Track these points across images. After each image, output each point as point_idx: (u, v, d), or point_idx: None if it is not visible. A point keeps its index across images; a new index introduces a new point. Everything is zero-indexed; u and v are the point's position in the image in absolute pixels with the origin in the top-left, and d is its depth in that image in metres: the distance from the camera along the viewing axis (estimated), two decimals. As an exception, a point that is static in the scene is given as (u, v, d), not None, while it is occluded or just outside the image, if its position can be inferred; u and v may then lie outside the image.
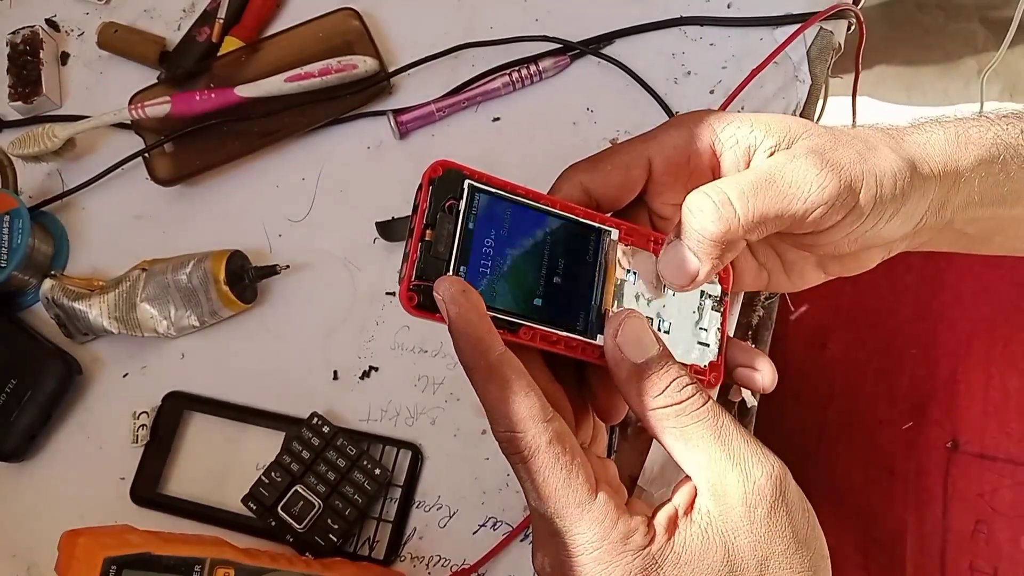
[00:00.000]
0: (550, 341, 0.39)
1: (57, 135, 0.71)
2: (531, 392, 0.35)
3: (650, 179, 0.42)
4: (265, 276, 0.66)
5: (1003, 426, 0.65)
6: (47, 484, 0.66)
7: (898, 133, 0.41)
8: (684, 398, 0.36)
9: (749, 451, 0.36)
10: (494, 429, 0.36)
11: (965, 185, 0.41)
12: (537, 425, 0.35)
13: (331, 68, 0.69)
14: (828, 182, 0.38)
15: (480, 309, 0.36)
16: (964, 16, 1.42)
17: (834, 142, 0.39)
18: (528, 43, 0.69)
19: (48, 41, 0.78)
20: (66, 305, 0.65)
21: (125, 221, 0.72)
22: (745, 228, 0.38)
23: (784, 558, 0.35)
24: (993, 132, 0.43)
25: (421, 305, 0.36)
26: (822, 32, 0.66)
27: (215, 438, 0.65)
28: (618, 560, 0.35)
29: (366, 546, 0.60)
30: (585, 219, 0.40)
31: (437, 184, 0.37)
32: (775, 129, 0.40)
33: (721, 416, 0.36)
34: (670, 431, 0.36)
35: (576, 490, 0.35)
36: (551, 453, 0.35)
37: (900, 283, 0.55)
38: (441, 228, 0.37)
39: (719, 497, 0.36)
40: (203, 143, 0.71)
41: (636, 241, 0.42)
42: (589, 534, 0.35)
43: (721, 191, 0.38)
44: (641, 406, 0.37)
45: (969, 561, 0.63)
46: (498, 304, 0.37)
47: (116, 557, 0.49)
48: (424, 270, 0.36)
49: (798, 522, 0.36)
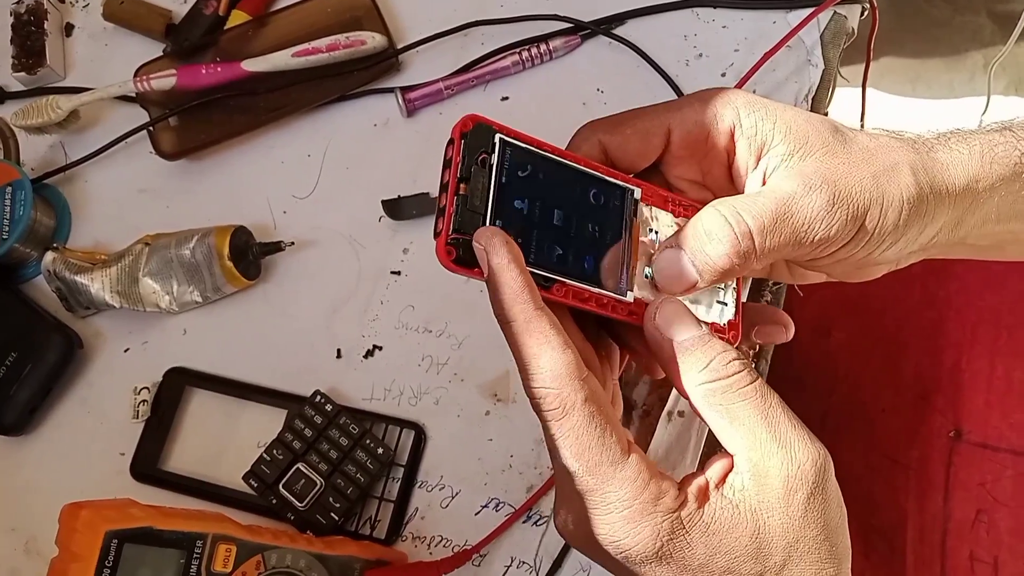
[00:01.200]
0: (582, 298, 0.38)
1: (61, 107, 0.70)
2: (568, 349, 0.35)
3: (667, 150, 0.42)
4: (269, 252, 0.66)
5: (1006, 416, 0.64)
6: (47, 458, 0.66)
7: (924, 148, 0.40)
8: (731, 372, 0.36)
9: (796, 435, 0.35)
10: (528, 384, 0.35)
11: (983, 205, 0.41)
12: (573, 382, 0.34)
13: (339, 44, 0.68)
14: (836, 220, 0.37)
15: (520, 261, 0.35)
16: (971, 9, 1.42)
17: (848, 164, 0.38)
18: (539, 22, 0.69)
19: (52, 12, 0.77)
20: (68, 278, 0.65)
21: (128, 195, 0.72)
22: (758, 261, 0.38)
23: (814, 544, 0.35)
24: (1020, 151, 0.41)
25: (460, 259, 0.36)
26: (836, 16, 0.65)
27: (216, 415, 0.65)
28: (647, 520, 0.34)
29: (368, 525, 0.60)
30: (610, 177, 0.40)
31: (469, 138, 0.36)
32: (793, 136, 0.39)
33: (769, 396, 0.36)
34: (716, 408, 0.36)
35: (610, 449, 0.35)
36: (586, 411, 0.34)
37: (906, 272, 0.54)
38: (476, 182, 0.36)
39: (759, 477, 0.35)
40: (208, 117, 0.70)
41: (655, 201, 0.41)
42: (621, 492, 0.34)
43: (743, 222, 0.37)
44: (686, 383, 0.37)
45: (969, 550, 0.63)
46: (531, 259, 0.37)
47: (118, 531, 0.48)
48: (462, 224, 0.36)
49: (833, 512, 0.36)
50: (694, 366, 0.36)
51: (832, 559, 0.36)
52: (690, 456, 0.58)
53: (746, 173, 0.42)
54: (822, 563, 0.35)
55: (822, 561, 0.35)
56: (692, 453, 0.58)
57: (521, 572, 0.58)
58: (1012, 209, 0.42)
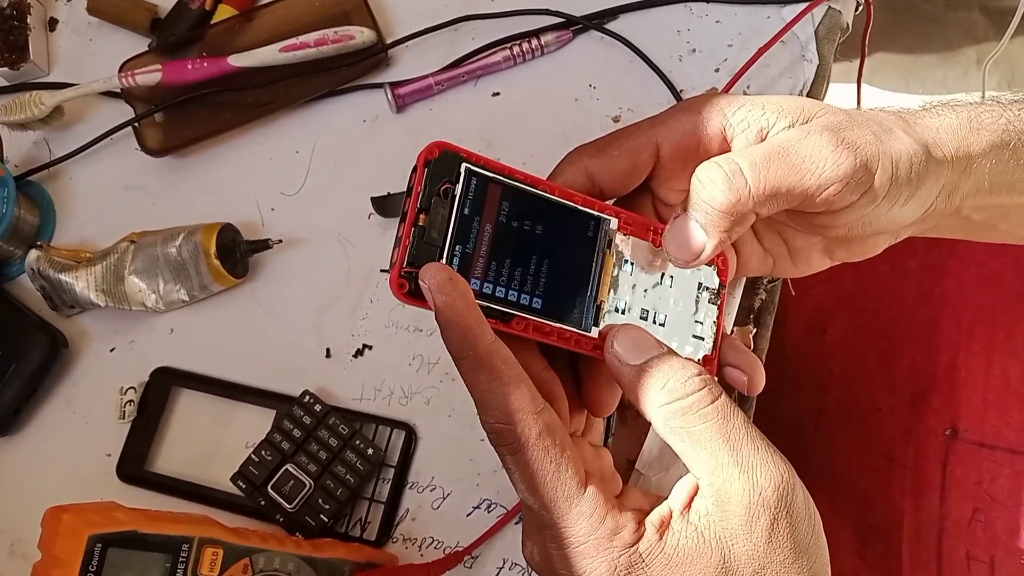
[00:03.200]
0: (543, 332, 0.38)
1: (44, 102, 0.69)
2: (520, 383, 0.34)
3: (657, 165, 0.41)
4: (257, 250, 0.65)
5: (1003, 415, 0.64)
6: (32, 460, 0.65)
7: (911, 116, 0.41)
8: (690, 391, 0.35)
9: (758, 458, 0.35)
10: (483, 420, 0.35)
11: (976, 171, 0.41)
12: (527, 417, 0.34)
13: (327, 38, 0.67)
14: (844, 159, 0.37)
15: (468, 298, 0.34)
16: (964, 6, 1.42)
17: (850, 122, 0.38)
18: (530, 16, 0.68)
19: (36, 6, 0.76)
20: (52, 277, 0.64)
21: (114, 192, 0.71)
22: (756, 200, 0.37)
23: (782, 568, 0.34)
24: (1005, 118, 0.42)
25: (412, 292, 0.35)
26: (830, 11, 0.64)
27: (204, 415, 0.64)
28: (603, 556, 0.34)
29: (358, 527, 0.59)
30: (584, 207, 0.39)
31: (433, 166, 0.36)
32: (788, 110, 0.39)
33: (732, 417, 0.35)
34: (677, 431, 0.35)
35: (565, 483, 0.34)
36: (540, 445, 0.34)
37: (902, 269, 0.54)
38: (435, 213, 0.35)
39: (722, 503, 0.34)
40: (195, 113, 0.69)
41: (635, 231, 0.41)
42: (576, 528, 0.34)
43: (732, 161, 0.37)
44: (648, 408, 0.36)
45: (966, 549, 0.63)
46: (491, 293, 0.36)
47: (101, 534, 0.47)
48: (416, 256, 0.35)
49: (801, 532, 0.35)
50: (653, 387, 0.36)
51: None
52: (684, 456, 0.57)
53: None
54: None
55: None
56: (686, 453, 0.57)
57: (513, 574, 0.57)
58: (1003, 179, 0.42)
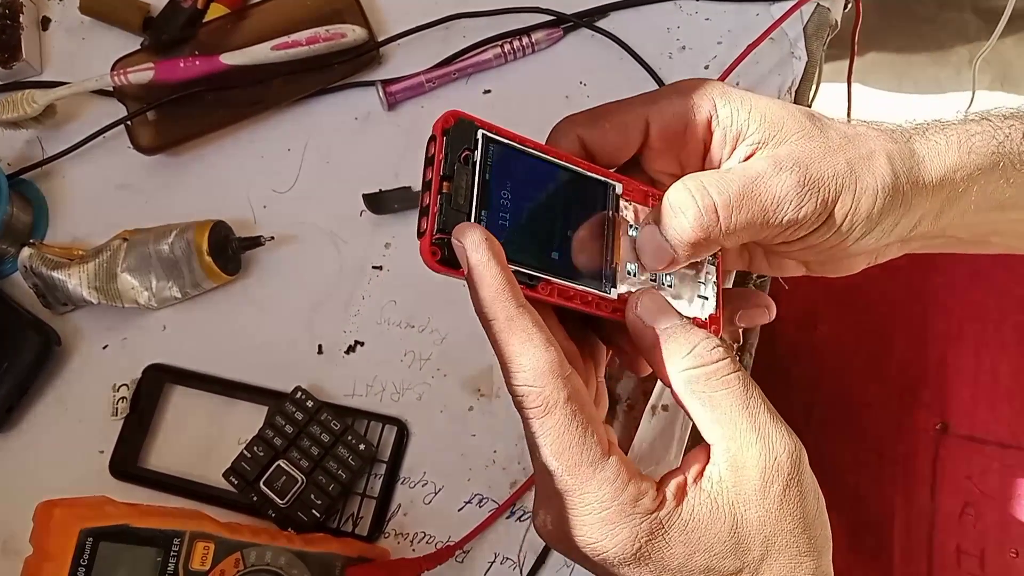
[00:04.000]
0: (567, 296, 0.38)
1: (37, 101, 0.69)
2: (551, 346, 0.34)
3: (645, 143, 0.42)
4: (249, 247, 0.65)
5: (992, 409, 0.64)
6: (25, 457, 0.65)
7: (902, 138, 0.40)
8: (715, 359, 0.36)
9: (774, 426, 0.35)
10: (510, 382, 0.35)
11: (963, 195, 0.40)
12: (556, 380, 0.34)
13: (319, 36, 0.67)
14: (806, 201, 0.37)
15: (502, 257, 0.34)
16: (956, 6, 1.42)
17: (824, 150, 0.38)
18: (521, 14, 0.68)
19: (28, 5, 0.76)
20: (45, 275, 0.64)
21: (106, 190, 0.71)
22: (724, 237, 0.37)
23: (791, 537, 0.35)
24: (996, 140, 0.41)
25: (445, 260, 0.35)
26: (819, 9, 0.65)
27: (197, 412, 0.64)
28: (626, 522, 0.34)
29: (350, 522, 0.59)
30: (592, 173, 0.40)
31: (451, 134, 0.36)
32: (768, 123, 0.39)
33: (751, 387, 0.36)
34: (698, 395, 0.36)
35: (590, 449, 0.34)
36: (568, 410, 0.34)
37: (892, 264, 0.54)
38: (459, 179, 0.35)
39: (736, 468, 0.35)
40: (187, 111, 0.69)
41: (635, 196, 0.41)
42: (599, 493, 0.34)
43: (707, 194, 0.37)
44: (669, 370, 0.36)
45: (956, 543, 0.63)
46: (516, 258, 0.36)
47: (92, 529, 0.47)
48: (446, 223, 0.35)
49: (809, 504, 0.35)
50: (677, 352, 0.36)
51: (811, 551, 0.35)
52: (674, 450, 0.57)
53: (720, 163, 0.41)
54: (801, 556, 0.35)
55: (801, 554, 0.35)
56: (676, 447, 0.57)
57: (505, 568, 0.58)
58: (991, 199, 0.41)
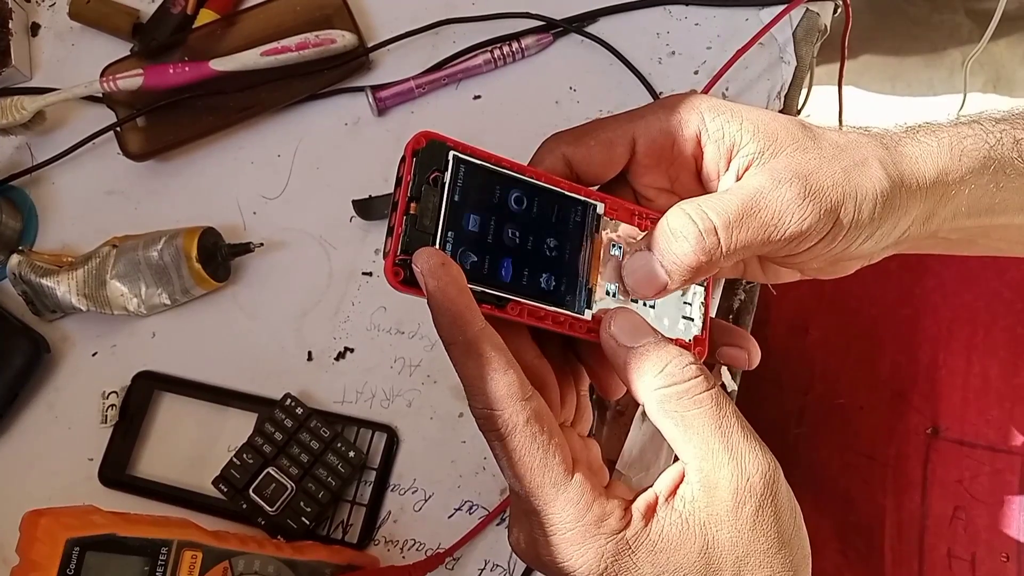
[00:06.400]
0: (537, 316, 0.38)
1: (26, 107, 0.69)
2: (510, 370, 0.34)
3: (632, 159, 0.41)
4: (238, 254, 0.65)
5: (983, 413, 0.64)
6: (14, 464, 0.65)
7: (892, 142, 0.40)
8: (687, 377, 0.35)
9: (747, 446, 0.35)
10: (472, 406, 0.35)
11: (954, 198, 0.40)
12: (515, 404, 0.34)
13: (309, 42, 0.67)
14: (809, 213, 0.37)
15: (460, 282, 0.35)
16: (949, 7, 1.43)
17: (819, 159, 0.38)
18: (510, 20, 0.68)
19: (18, 11, 0.76)
20: (34, 281, 0.64)
21: (96, 196, 0.71)
22: (726, 258, 0.37)
23: (765, 557, 0.35)
24: (987, 144, 0.41)
25: (407, 280, 0.35)
26: (808, 13, 0.65)
27: (186, 419, 0.64)
28: (591, 543, 0.34)
29: (339, 529, 0.59)
30: (570, 192, 0.40)
31: (421, 155, 0.36)
32: (762, 134, 0.39)
33: (724, 406, 0.35)
34: (671, 415, 0.36)
35: (552, 470, 0.34)
36: (528, 432, 0.34)
37: (883, 268, 0.54)
38: (426, 201, 0.36)
39: (708, 488, 0.35)
40: (176, 117, 0.69)
41: (620, 215, 0.41)
42: (563, 515, 0.34)
43: (707, 218, 0.36)
44: (642, 390, 0.36)
45: (947, 547, 0.63)
46: (485, 279, 0.36)
47: (79, 538, 0.47)
48: (410, 244, 0.35)
49: (784, 522, 0.35)
50: (650, 371, 0.36)
51: (786, 570, 0.35)
52: (664, 456, 0.57)
53: (717, 177, 0.41)
54: (775, 574, 0.35)
55: (774, 572, 0.35)
56: (666, 453, 0.57)
57: (495, 575, 0.57)
58: (982, 203, 0.41)
